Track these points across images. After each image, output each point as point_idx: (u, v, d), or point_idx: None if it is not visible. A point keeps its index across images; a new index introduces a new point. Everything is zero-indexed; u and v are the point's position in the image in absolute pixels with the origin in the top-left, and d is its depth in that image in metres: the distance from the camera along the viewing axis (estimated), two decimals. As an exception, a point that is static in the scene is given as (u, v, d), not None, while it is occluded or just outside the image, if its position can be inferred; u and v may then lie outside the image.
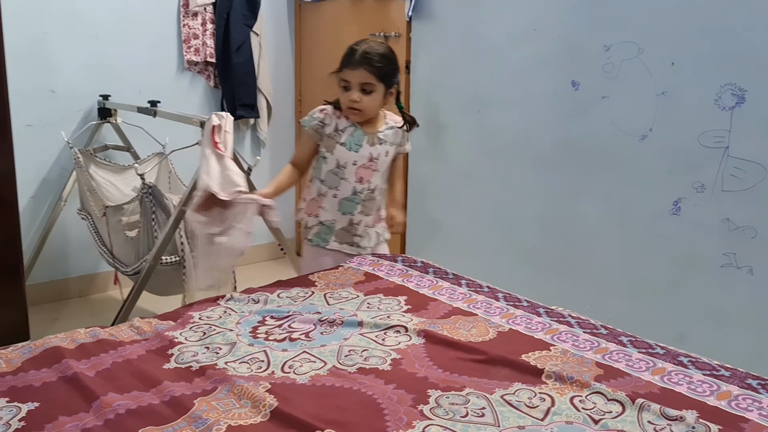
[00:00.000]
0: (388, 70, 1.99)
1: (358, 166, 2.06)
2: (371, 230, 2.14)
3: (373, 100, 2.00)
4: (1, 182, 2.24)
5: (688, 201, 2.25)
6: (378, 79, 1.98)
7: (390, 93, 2.04)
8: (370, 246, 2.15)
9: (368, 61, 1.96)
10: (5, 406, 1.20)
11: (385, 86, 2.00)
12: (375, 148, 2.07)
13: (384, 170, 2.11)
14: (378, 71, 1.97)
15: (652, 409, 1.17)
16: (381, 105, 2.05)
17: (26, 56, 2.86)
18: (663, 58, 2.25)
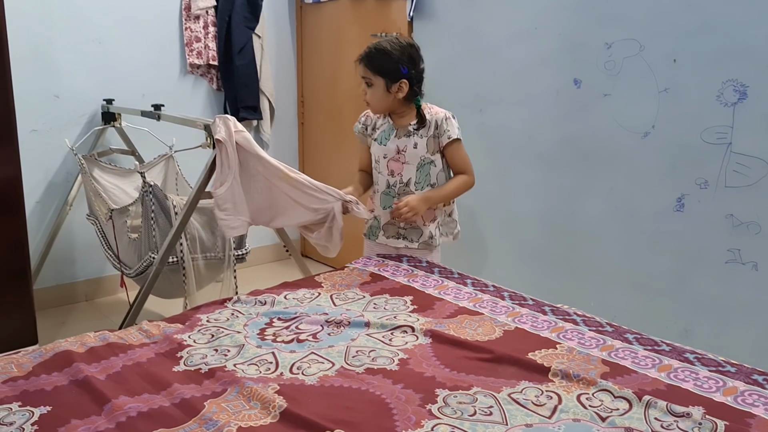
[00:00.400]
0: (384, 63, 1.99)
1: (388, 159, 2.10)
2: (422, 227, 2.09)
3: (374, 92, 2.03)
4: (7, 187, 2.26)
5: (691, 197, 2.25)
6: (374, 72, 2.00)
7: (398, 87, 2.00)
8: (419, 241, 2.09)
9: (366, 56, 2.02)
10: (18, 410, 1.22)
11: (386, 79, 2.00)
12: (402, 141, 2.07)
13: (417, 163, 2.06)
14: (372, 65, 2.00)
15: (659, 405, 1.18)
16: (387, 98, 2.02)
17: (30, 61, 2.88)
18: (665, 55, 2.26)
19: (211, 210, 2.45)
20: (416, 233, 2.11)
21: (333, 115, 3.67)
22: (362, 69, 2.03)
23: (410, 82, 2.01)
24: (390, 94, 2.02)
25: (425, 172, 2.07)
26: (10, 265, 2.32)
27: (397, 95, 2.02)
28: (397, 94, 2.01)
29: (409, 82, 2.01)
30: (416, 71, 2.03)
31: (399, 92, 2.01)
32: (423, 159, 2.07)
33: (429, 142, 2.06)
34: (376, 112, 2.13)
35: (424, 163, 2.07)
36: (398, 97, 2.02)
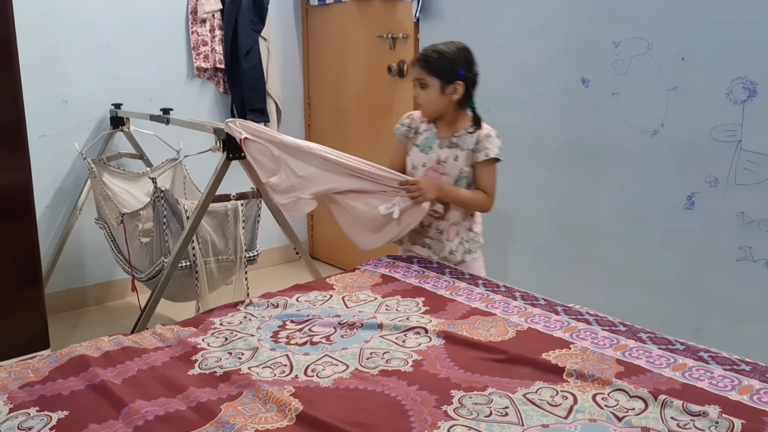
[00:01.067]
0: (440, 64, 1.96)
1: (427, 168, 2.08)
2: (446, 241, 2.08)
3: (428, 95, 2.00)
4: (18, 193, 2.28)
5: (701, 195, 2.25)
6: (429, 73, 1.98)
7: (453, 89, 1.98)
8: (437, 257, 2.09)
9: (422, 57, 2.00)
10: (36, 415, 1.23)
11: (441, 81, 1.97)
12: (444, 151, 2.05)
13: (456, 176, 2.05)
14: (428, 66, 1.98)
15: (675, 405, 1.18)
16: (441, 101, 2.00)
17: (38, 67, 2.90)
18: (673, 53, 2.25)
19: (223, 213, 2.46)
20: (439, 247, 2.09)
21: (339, 117, 3.68)
22: (417, 71, 2.00)
23: (466, 84, 1.98)
24: (444, 96, 1.99)
25: (460, 186, 2.05)
26: (22, 269, 2.34)
27: (452, 97, 1.99)
28: (452, 96, 1.98)
29: (465, 84, 1.98)
30: (471, 74, 2.01)
31: (454, 94, 1.98)
32: (461, 172, 2.04)
33: (468, 156, 2.03)
34: (427, 116, 2.09)
35: (462, 177, 2.05)
36: (452, 99, 1.99)
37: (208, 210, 2.35)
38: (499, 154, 2.04)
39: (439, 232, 2.09)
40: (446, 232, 2.08)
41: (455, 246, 2.08)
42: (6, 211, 2.26)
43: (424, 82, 2.00)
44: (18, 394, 1.30)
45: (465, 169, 2.04)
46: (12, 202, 2.28)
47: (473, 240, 2.12)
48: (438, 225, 2.09)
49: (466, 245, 2.10)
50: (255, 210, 2.55)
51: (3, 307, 2.34)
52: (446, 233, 2.08)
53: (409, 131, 2.16)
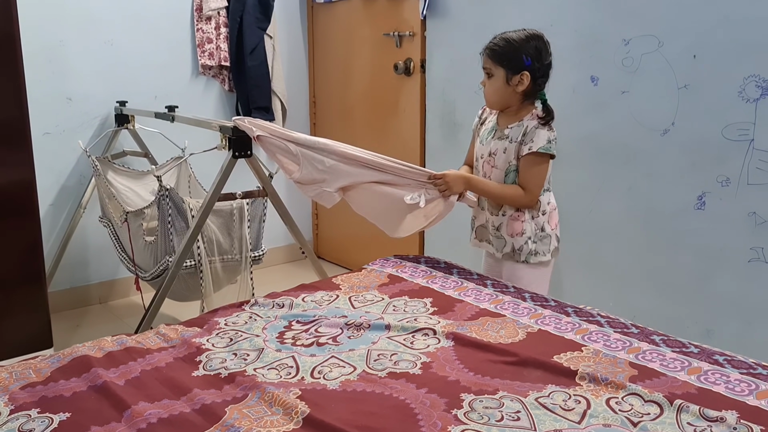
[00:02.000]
0: (506, 52, 1.88)
1: (484, 160, 2.01)
2: (506, 237, 1.96)
3: (493, 84, 1.93)
4: (22, 190, 2.26)
5: (712, 195, 2.21)
6: (495, 62, 1.90)
7: (519, 80, 1.89)
8: (500, 253, 1.98)
9: (489, 45, 1.93)
10: (37, 417, 1.20)
11: (507, 70, 1.89)
12: (495, 143, 1.97)
13: (505, 170, 1.95)
14: (494, 54, 1.91)
15: (691, 410, 1.15)
16: (506, 91, 1.91)
17: (43, 64, 2.88)
18: (684, 50, 2.22)
19: (228, 212, 2.44)
20: (500, 243, 1.98)
21: (345, 115, 3.65)
22: (484, 59, 1.94)
23: (533, 75, 1.89)
24: (509, 87, 1.90)
25: (511, 180, 1.95)
26: (25, 268, 2.32)
27: (517, 88, 1.90)
28: (517, 87, 1.89)
29: (532, 75, 1.89)
30: (541, 65, 1.90)
31: (519, 85, 1.89)
32: (510, 165, 1.94)
33: (516, 149, 1.93)
34: (491, 106, 2.01)
35: (511, 170, 1.94)
36: (518, 90, 1.90)
37: (214, 209, 2.33)
38: (547, 148, 1.90)
39: (496, 228, 1.99)
40: (504, 227, 1.96)
41: (519, 244, 1.94)
42: (9, 209, 2.25)
43: (490, 71, 1.93)
44: (19, 394, 1.28)
45: (513, 162, 1.93)
46: (15, 200, 2.26)
47: (543, 240, 1.96)
48: (494, 221, 1.99)
49: (532, 246, 1.94)
50: (261, 209, 2.52)
51: (6, 306, 2.32)
52: (505, 228, 1.96)
53: (479, 122, 2.10)
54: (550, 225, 2.00)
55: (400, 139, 3.27)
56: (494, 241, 2.00)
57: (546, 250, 1.96)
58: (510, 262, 1.98)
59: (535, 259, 1.95)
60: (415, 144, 3.20)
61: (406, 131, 3.24)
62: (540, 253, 1.95)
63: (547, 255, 1.96)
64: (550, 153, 1.91)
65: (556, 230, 2.02)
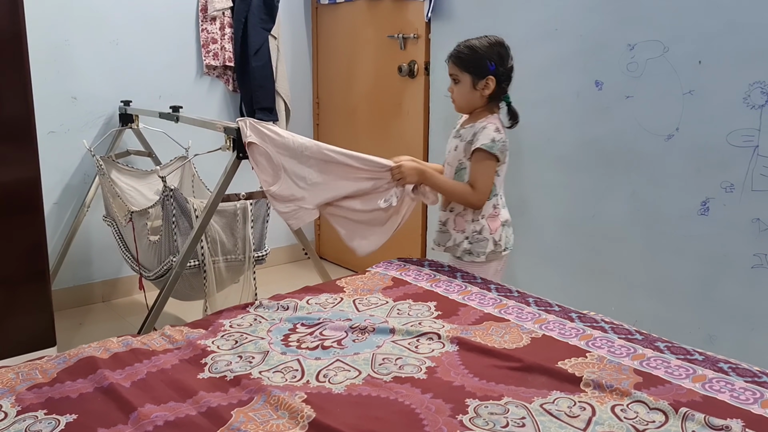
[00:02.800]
0: (471, 59, 1.98)
1: (444, 157, 2.14)
2: (452, 231, 2.07)
3: (460, 89, 2.03)
4: (26, 189, 2.26)
5: (716, 201, 2.22)
6: (461, 69, 2.00)
7: (485, 84, 1.99)
8: (444, 246, 2.08)
9: (454, 53, 2.03)
10: (44, 418, 1.21)
11: (473, 76, 1.99)
12: (451, 141, 2.09)
13: (456, 167, 2.05)
14: (460, 61, 2.00)
15: (697, 418, 1.15)
16: (473, 96, 2.01)
17: (48, 63, 2.88)
18: (689, 56, 2.22)
19: (232, 212, 2.44)
20: (444, 237, 2.09)
21: (348, 117, 3.66)
22: (450, 66, 2.03)
23: (497, 79, 1.99)
24: (476, 91, 2.00)
25: (460, 178, 2.04)
26: (29, 265, 2.32)
27: (483, 92, 2.00)
28: (483, 91, 2.00)
29: (496, 79, 1.99)
30: (504, 69, 2.01)
31: (485, 89, 2.00)
32: (460, 164, 2.04)
33: (465, 148, 2.02)
34: (459, 110, 2.11)
35: (460, 168, 2.04)
36: (484, 94, 2.00)
37: (217, 209, 2.33)
38: (490, 146, 1.96)
39: (443, 223, 2.10)
40: (451, 222, 2.07)
41: (459, 240, 2.05)
42: (14, 207, 2.25)
43: (456, 77, 2.02)
44: (26, 395, 1.28)
45: (463, 160, 2.03)
46: (20, 198, 2.26)
47: (478, 242, 2.05)
48: (440, 216, 2.11)
49: (467, 245, 2.05)
50: (264, 209, 2.53)
51: (10, 303, 2.32)
52: (451, 223, 2.07)
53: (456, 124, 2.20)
54: (490, 229, 2.05)
55: (403, 141, 3.27)
56: (438, 235, 2.11)
57: (481, 252, 2.03)
58: (450, 255, 2.10)
59: (468, 258, 2.04)
60: (418, 146, 3.21)
61: (409, 133, 3.25)
62: (474, 254, 2.04)
63: (482, 257, 2.03)
64: (492, 153, 1.97)
65: (496, 234, 2.06)
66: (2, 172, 2.22)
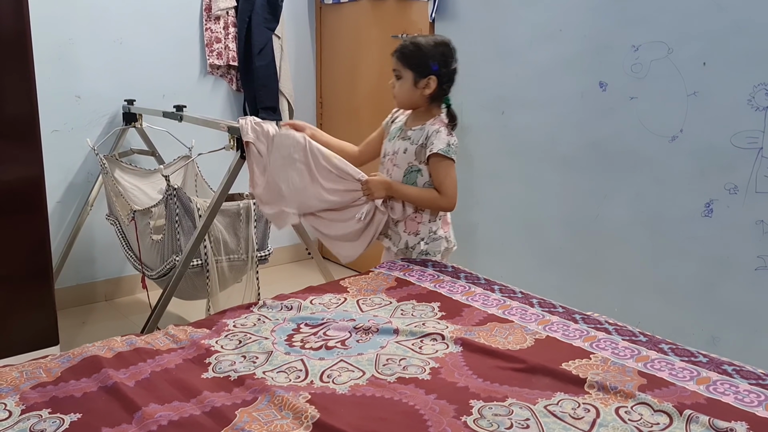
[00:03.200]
0: (415, 57, 1.99)
1: (388, 158, 2.12)
2: (402, 233, 2.08)
3: (401, 86, 2.03)
4: (30, 187, 2.27)
5: (720, 203, 2.21)
6: (404, 65, 2.01)
7: (426, 83, 1.99)
8: (395, 248, 2.10)
9: (400, 49, 2.02)
10: (48, 417, 1.21)
11: (415, 73, 1.99)
12: (398, 143, 2.08)
13: (405, 169, 2.04)
14: (404, 58, 2.01)
15: (701, 420, 1.15)
16: (413, 93, 2.02)
17: (52, 62, 2.88)
18: (694, 58, 2.22)
19: (235, 212, 2.44)
20: (397, 238, 2.10)
21: (352, 116, 3.66)
22: (395, 61, 2.03)
23: (439, 80, 1.99)
24: (417, 90, 2.01)
25: (412, 180, 2.05)
26: (33, 264, 2.33)
27: (424, 91, 2.01)
28: (424, 90, 2.00)
29: (439, 80, 1.99)
30: (447, 70, 2.01)
31: (426, 89, 2.00)
32: (410, 166, 2.05)
33: (417, 151, 2.03)
34: (400, 106, 2.13)
35: (411, 170, 2.05)
36: (425, 93, 2.01)
37: (221, 208, 2.33)
38: (446, 151, 1.98)
39: (395, 223, 2.10)
40: (402, 224, 2.08)
41: (413, 242, 2.07)
42: (18, 206, 2.26)
43: (399, 73, 2.03)
44: (30, 394, 1.28)
45: (414, 163, 2.03)
46: (24, 197, 2.27)
47: (434, 243, 2.07)
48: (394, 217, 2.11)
49: (424, 246, 2.06)
50: (267, 209, 2.53)
51: (13, 302, 2.33)
52: (402, 225, 2.08)
53: (390, 120, 2.21)
54: (443, 228, 2.10)
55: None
56: (392, 235, 2.12)
57: (436, 251, 2.08)
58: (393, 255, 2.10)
59: (428, 253, 2.07)
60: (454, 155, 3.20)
61: (413, 133, 3.24)
62: (430, 254, 2.07)
63: (437, 255, 2.08)
64: (449, 156, 1.99)
65: (448, 233, 2.12)
66: (6, 171, 2.22)
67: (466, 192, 3.07)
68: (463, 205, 3.09)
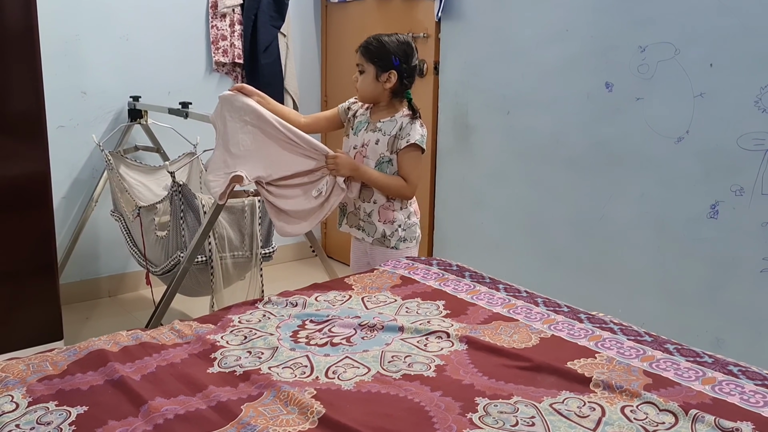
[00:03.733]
0: (378, 52, 2.08)
1: (356, 151, 2.16)
2: (377, 223, 2.12)
3: (364, 79, 2.12)
4: (36, 182, 2.28)
5: (726, 204, 2.21)
6: (367, 59, 2.10)
7: (387, 77, 2.07)
8: (371, 239, 2.15)
9: (364, 44, 2.12)
10: (55, 409, 1.21)
11: (377, 68, 2.08)
12: (368, 135, 2.13)
13: (376, 160, 2.11)
14: (367, 52, 2.10)
15: (707, 420, 1.15)
16: (375, 87, 2.10)
17: (58, 58, 2.89)
18: (701, 59, 2.22)
19: (240, 209, 2.45)
20: (371, 228, 2.14)
21: (357, 115, 3.66)
22: (359, 56, 2.13)
23: (400, 74, 2.08)
24: (378, 83, 2.10)
25: (383, 171, 2.11)
26: (38, 259, 2.33)
27: (385, 85, 2.09)
28: (385, 84, 2.09)
29: (399, 74, 2.08)
30: (407, 66, 2.10)
31: (387, 82, 2.09)
32: (382, 156, 2.10)
33: (390, 142, 2.09)
34: (362, 99, 2.19)
35: (383, 161, 2.11)
36: (386, 87, 2.09)
37: (225, 205, 2.33)
38: (421, 141, 2.08)
39: (368, 214, 2.14)
40: (375, 214, 2.13)
41: (390, 231, 2.12)
42: (24, 201, 2.26)
43: (362, 67, 2.12)
44: (37, 387, 1.28)
45: (386, 154, 2.10)
46: (30, 192, 2.27)
47: (410, 229, 2.16)
48: (365, 207, 2.14)
49: (402, 233, 2.14)
50: (272, 206, 2.53)
51: (18, 297, 2.33)
52: (376, 215, 2.13)
53: (348, 112, 2.25)
54: (416, 215, 2.19)
55: (412, 140, 3.26)
56: (365, 226, 2.16)
57: (412, 237, 2.18)
58: (380, 247, 2.15)
59: (403, 245, 2.15)
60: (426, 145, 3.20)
61: (418, 132, 3.24)
62: (408, 240, 2.16)
63: (413, 242, 2.18)
64: (422, 147, 2.09)
65: (418, 220, 2.21)
66: (13, 166, 2.23)
67: (470, 192, 3.08)
68: (467, 205, 3.11)
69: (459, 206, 3.13)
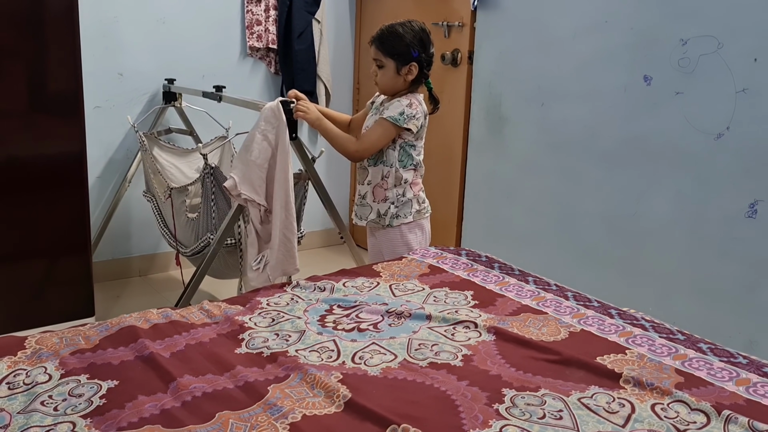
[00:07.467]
0: (396, 45, 2.05)
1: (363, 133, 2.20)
2: (372, 204, 2.16)
3: (384, 74, 2.10)
4: (73, 162, 2.32)
5: (765, 203, 2.15)
6: (385, 54, 2.07)
7: (408, 70, 2.06)
8: (366, 219, 2.18)
9: (378, 38, 2.09)
10: (86, 382, 1.23)
11: (396, 62, 2.06)
12: (369, 120, 2.17)
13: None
14: (384, 47, 2.07)
15: (740, 422, 1.12)
16: (396, 80, 2.09)
17: (97, 39, 2.93)
18: (745, 53, 2.16)
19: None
20: (365, 210, 2.18)
21: (388, 104, 3.64)
22: (374, 51, 2.09)
23: (420, 65, 2.07)
24: (399, 77, 2.08)
25: (402, 155, 2.12)
26: (72, 237, 2.38)
27: (407, 77, 2.08)
28: (407, 76, 2.08)
29: (419, 65, 2.06)
30: (426, 55, 2.08)
31: (408, 75, 2.07)
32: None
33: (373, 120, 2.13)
34: (384, 93, 2.18)
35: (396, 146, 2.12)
36: (407, 79, 2.08)
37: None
38: (395, 119, 2.05)
39: (362, 197, 2.18)
40: (370, 195, 2.16)
41: (384, 209, 2.15)
42: (60, 180, 2.31)
43: (380, 62, 2.09)
44: (69, 360, 1.31)
45: None
46: (66, 171, 2.32)
47: (404, 205, 2.15)
48: (360, 190, 2.18)
49: (394, 210, 2.15)
50: (302, 192, 2.53)
51: (52, 273, 2.38)
52: (370, 196, 2.16)
53: (373, 103, 2.27)
54: (413, 191, 2.17)
55: (443, 130, 3.24)
56: (358, 209, 2.21)
57: (407, 212, 2.16)
58: (377, 228, 2.19)
59: (397, 222, 2.16)
60: (457, 136, 3.18)
61: (450, 122, 3.22)
62: (401, 216, 2.16)
63: (409, 217, 2.16)
64: (397, 123, 2.06)
65: (419, 195, 2.19)
66: (50, 145, 2.27)
67: (501, 183, 3.05)
68: (497, 197, 3.08)
69: (489, 198, 3.10)
